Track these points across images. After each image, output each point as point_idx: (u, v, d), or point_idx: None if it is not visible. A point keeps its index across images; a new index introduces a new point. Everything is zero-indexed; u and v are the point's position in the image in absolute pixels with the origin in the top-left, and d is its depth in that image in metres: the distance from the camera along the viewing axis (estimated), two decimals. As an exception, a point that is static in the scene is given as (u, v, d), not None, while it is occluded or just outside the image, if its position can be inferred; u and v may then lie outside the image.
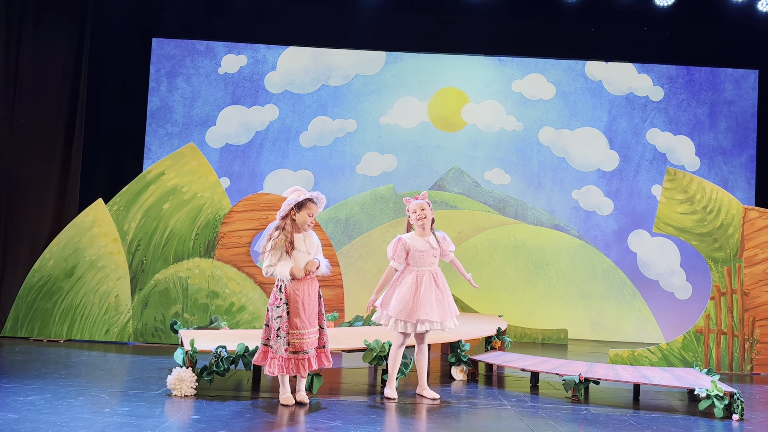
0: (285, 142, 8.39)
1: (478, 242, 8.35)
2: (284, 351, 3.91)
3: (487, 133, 8.47)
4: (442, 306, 4.25)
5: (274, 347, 3.94)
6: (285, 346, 3.91)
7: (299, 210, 4.01)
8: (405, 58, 8.51)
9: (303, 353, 3.94)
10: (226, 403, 4.04)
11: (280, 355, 3.91)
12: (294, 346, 3.93)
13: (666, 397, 4.82)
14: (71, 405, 3.77)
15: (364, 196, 8.40)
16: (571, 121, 8.48)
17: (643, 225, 8.31)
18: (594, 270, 8.32)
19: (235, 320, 6.32)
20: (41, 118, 6.81)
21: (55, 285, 6.24)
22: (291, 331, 3.93)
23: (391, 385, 4.33)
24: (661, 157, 8.42)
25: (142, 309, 6.33)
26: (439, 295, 4.25)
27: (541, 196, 8.42)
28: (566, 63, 8.50)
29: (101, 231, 6.32)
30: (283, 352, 3.91)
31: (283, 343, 3.91)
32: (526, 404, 4.37)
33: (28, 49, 6.77)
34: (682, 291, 8.26)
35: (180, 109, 8.33)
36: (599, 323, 8.26)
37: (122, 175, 7.44)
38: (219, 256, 6.42)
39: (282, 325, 3.93)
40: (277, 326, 3.94)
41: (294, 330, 3.93)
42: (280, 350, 3.92)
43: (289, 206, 3.99)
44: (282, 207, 4.02)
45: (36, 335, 6.21)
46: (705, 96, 8.45)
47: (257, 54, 8.43)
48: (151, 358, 5.55)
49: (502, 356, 5.37)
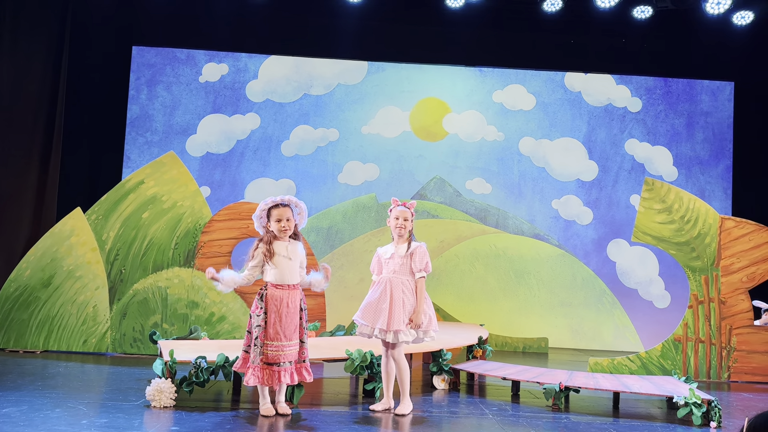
0: (266, 151, 8.37)
1: (459, 251, 8.38)
2: (259, 361, 3.89)
3: (468, 142, 8.53)
4: (379, 313, 4.09)
5: (252, 356, 3.92)
6: (260, 356, 3.89)
7: (269, 220, 4.03)
8: (387, 68, 8.55)
9: (276, 365, 3.90)
10: (206, 414, 4.00)
11: (255, 365, 3.89)
12: (267, 357, 3.89)
13: (645, 405, 4.86)
14: (48, 417, 3.71)
15: (346, 206, 8.40)
16: (551, 131, 8.56)
17: (622, 234, 8.40)
18: (574, 279, 8.39)
19: (215, 330, 6.27)
20: (19, 127, 6.72)
21: (32, 295, 6.14)
22: (266, 342, 3.90)
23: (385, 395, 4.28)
24: (639, 167, 8.53)
25: (121, 319, 6.25)
26: (383, 303, 4.10)
27: (522, 206, 8.48)
28: (546, 74, 8.59)
29: (79, 240, 6.24)
30: (257, 361, 3.89)
31: (258, 352, 3.89)
32: (507, 413, 4.38)
33: (6, 57, 6.70)
34: (661, 300, 8.35)
35: (160, 117, 8.27)
36: (579, 332, 8.32)
37: (101, 184, 7.36)
38: (199, 265, 6.36)
39: (260, 335, 3.91)
40: (255, 335, 3.92)
41: (269, 341, 3.90)
42: (255, 360, 3.89)
43: (258, 219, 4.06)
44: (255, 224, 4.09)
45: (12, 346, 6.10)
46: (682, 107, 8.59)
47: (239, 63, 8.42)
48: (129, 369, 5.48)
49: (484, 365, 5.38)
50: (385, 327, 4.08)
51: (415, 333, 4.11)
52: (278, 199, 4.04)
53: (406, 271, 4.17)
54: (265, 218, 4.07)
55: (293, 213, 4.07)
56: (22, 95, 6.79)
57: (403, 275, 4.16)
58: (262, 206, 4.06)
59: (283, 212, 4.01)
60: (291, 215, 4.05)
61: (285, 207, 4.04)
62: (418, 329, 4.12)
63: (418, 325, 4.09)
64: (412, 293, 4.14)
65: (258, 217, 4.07)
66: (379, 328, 4.10)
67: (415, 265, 4.15)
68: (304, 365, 4.05)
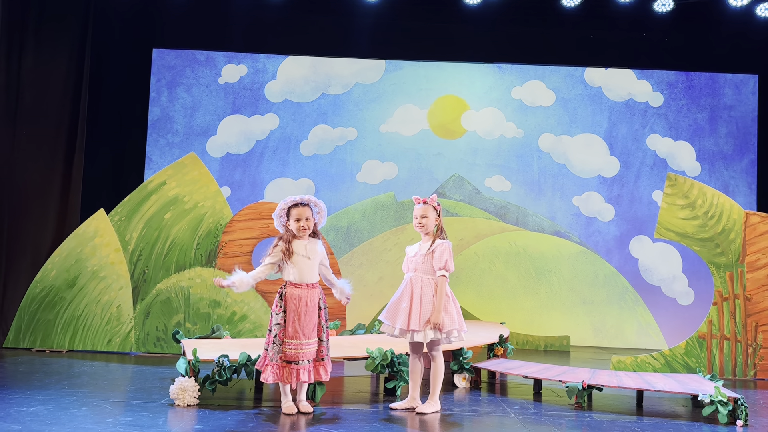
0: (285, 151, 8.41)
1: (479, 249, 8.35)
2: (277, 359, 3.92)
3: (487, 140, 8.49)
4: (400, 312, 4.08)
5: (270, 354, 3.95)
6: (279, 354, 3.92)
7: (288, 219, 4.06)
8: (404, 66, 8.54)
9: (294, 363, 3.93)
10: (228, 412, 4.03)
11: (274, 362, 3.92)
12: (286, 355, 3.92)
13: (669, 404, 4.81)
14: (74, 415, 3.77)
15: (365, 204, 8.41)
16: (571, 127, 8.49)
17: (645, 231, 8.30)
18: (596, 276, 8.31)
19: (236, 329, 6.32)
20: (43, 130, 6.83)
21: (57, 295, 6.25)
22: (285, 340, 3.94)
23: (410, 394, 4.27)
24: (661, 162, 8.43)
25: (144, 319, 6.32)
26: (404, 302, 4.08)
27: (542, 203, 8.43)
28: (565, 70, 8.52)
29: (103, 241, 6.33)
30: (276, 359, 3.92)
31: (277, 350, 3.92)
32: (529, 412, 4.36)
33: (30, 61, 6.80)
34: (685, 297, 8.24)
35: (181, 119, 8.36)
36: (601, 330, 8.24)
37: (124, 186, 7.45)
38: (220, 265, 6.42)
39: (279, 333, 3.94)
40: (274, 333, 3.95)
41: (288, 339, 3.93)
42: (274, 357, 3.93)
43: (278, 218, 4.09)
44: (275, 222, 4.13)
45: (38, 346, 6.21)
46: (705, 101, 8.47)
47: (257, 63, 8.47)
48: (153, 368, 5.54)
49: (505, 363, 5.36)
50: (405, 327, 4.07)
51: (432, 334, 4.05)
52: (297, 199, 4.07)
53: (427, 269, 4.13)
54: (284, 217, 4.10)
55: (312, 212, 4.09)
56: (46, 98, 6.89)
57: (424, 273, 4.12)
58: (281, 205, 4.09)
59: (302, 211, 4.04)
60: (310, 214, 4.07)
61: (304, 206, 4.06)
62: (438, 330, 4.06)
63: (436, 325, 4.04)
64: (432, 292, 4.10)
65: (278, 216, 4.11)
66: (399, 328, 4.10)
67: (435, 263, 4.10)
68: (323, 363, 4.06)
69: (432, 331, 4.05)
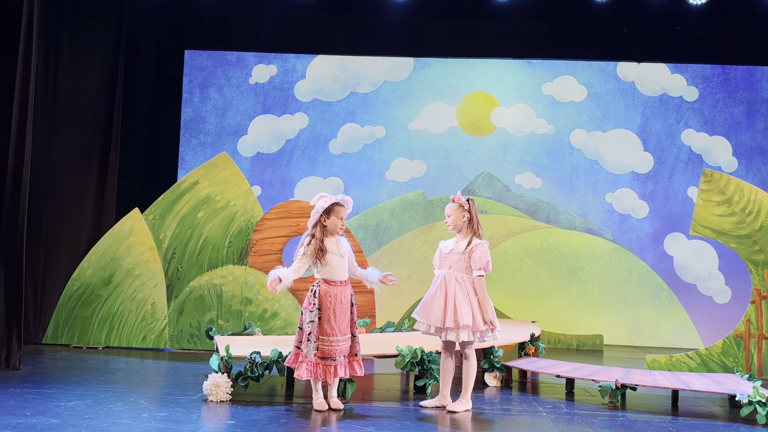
0: (315, 150, 8.46)
1: (509, 247, 8.29)
2: (313, 356, 3.94)
3: (517, 136, 8.42)
4: (434, 310, 4.07)
5: (304, 351, 3.98)
6: (314, 351, 3.95)
7: (329, 216, 4.06)
8: (433, 64, 8.51)
9: (331, 360, 3.96)
10: (261, 408, 4.08)
11: (309, 359, 3.94)
12: (322, 352, 3.95)
13: (706, 404, 4.71)
14: (111, 410, 3.85)
15: (394, 202, 8.41)
16: (603, 123, 8.37)
17: (680, 228, 8.14)
18: (629, 274, 8.18)
19: (268, 326, 6.38)
20: (79, 131, 6.98)
21: (94, 293, 6.38)
22: (321, 337, 3.96)
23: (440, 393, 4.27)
24: (696, 158, 8.25)
25: (178, 316, 6.43)
26: (439, 300, 4.08)
27: (574, 200, 8.32)
28: (597, 64, 8.40)
29: (138, 240, 6.45)
30: (311, 356, 3.94)
31: (312, 348, 3.95)
32: (561, 411, 4.31)
33: (66, 63, 6.95)
34: (721, 295, 8.06)
35: (212, 119, 8.47)
36: (635, 328, 8.11)
37: (157, 185, 7.59)
38: (252, 263, 6.49)
39: (313, 330, 3.96)
40: (309, 330, 3.97)
41: (324, 336, 3.96)
42: (309, 355, 3.95)
43: (318, 214, 4.05)
44: (312, 216, 4.08)
45: (76, 342, 6.36)
46: (741, 95, 8.26)
47: (287, 63, 8.53)
48: (186, 364, 5.63)
49: (536, 362, 5.31)
50: (441, 325, 4.07)
51: (466, 334, 4.02)
52: (340, 198, 4.10)
53: (462, 267, 4.11)
54: (323, 213, 4.08)
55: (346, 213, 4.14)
56: (82, 100, 7.04)
57: (459, 272, 4.11)
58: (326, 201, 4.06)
59: (344, 211, 4.10)
60: (346, 216, 4.13)
61: (342, 207, 4.10)
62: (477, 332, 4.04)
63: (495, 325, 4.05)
64: (467, 291, 4.07)
65: (319, 212, 4.05)
66: (435, 326, 4.10)
67: (474, 264, 4.09)
68: (356, 359, 4.09)
69: (466, 331, 4.03)
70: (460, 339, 4.03)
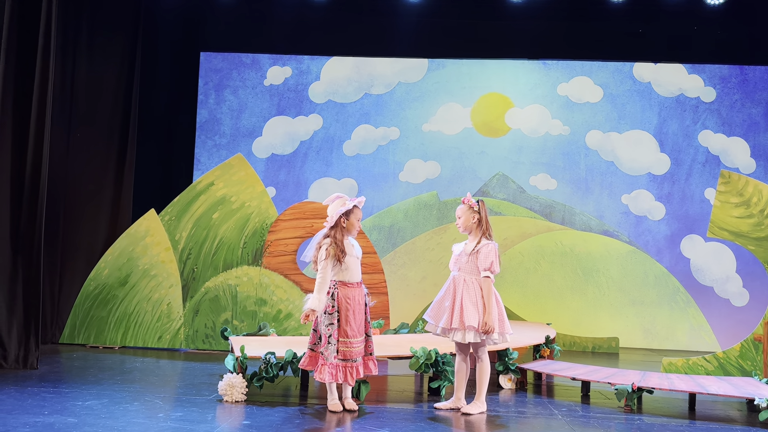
0: (329, 151, 8.47)
1: (523, 249, 8.25)
2: (334, 358, 3.95)
3: (532, 137, 8.38)
4: (443, 311, 4.08)
5: (325, 354, 3.98)
6: (335, 354, 3.95)
7: (348, 217, 4.07)
8: (447, 65, 8.50)
9: (351, 361, 3.98)
10: (275, 408, 4.09)
11: (330, 362, 3.95)
12: (343, 354, 3.97)
13: (723, 407, 4.66)
14: (127, 410, 3.88)
15: (408, 204, 8.40)
16: (619, 124, 8.31)
17: (697, 230, 8.06)
18: (646, 276, 8.11)
19: (282, 327, 6.40)
20: (96, 132, 7.05)
21: (110, 293, 6.44)
22: (341, 339, 3.97)
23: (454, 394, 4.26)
24: (714, 159, 8.16)
25: (193, 316, 6.47)
26: (447, 301, 4.08)
27: (590, 201, 8.27)
28: (613, 65, 8.34)
29: (154, 240, 6.50)
30: (332, 359, 3.95)
31: (333, 350, 3.95)
32: (577, 414, 4.28)
33: (84, 65, 7.02)
34: (739, 297, 7.97)
35: (228, 120, 8.51)
36: (651, 331, 8.04)
37: (173, 186, 7.64)
38: (266, 264, 6.52)
39: (333, 333, 3.97)
40: (329, 333, 3.98)
41: (344, 338, 3.98)
42: (330, 357, 3.96)
43: (339, 215, 4.06)
44: (331, 216, 4.07)
45: (92, 342, 6.41)
46: (760, 96, 8.16)
47: (301, 65, 8.56)
48: (202, 364, 5.66)
49: (552, 365, 5.28)
50: (448, 326, 4.06)
51: (472, 335, 4.01)
52: (357, 201, 4.13)
53: (471, 269, 4.11)
54: (343, 215, 4.07)
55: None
56: (98, 101, 7.10)
57: (467, 273, 4.11)
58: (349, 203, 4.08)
59: (360, 213, 4.15)
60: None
61: (359, 208, 4.14)
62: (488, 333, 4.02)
63: (492, 328, 4.01)
64: (474, 292, 4.05)
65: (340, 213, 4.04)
66: (441, 327, 4.09)
67: (480, 265, 4.08)
68: (371, 358, 4.13)
69: (472, 332, 4.01)
70: (466, 340, 4.03)
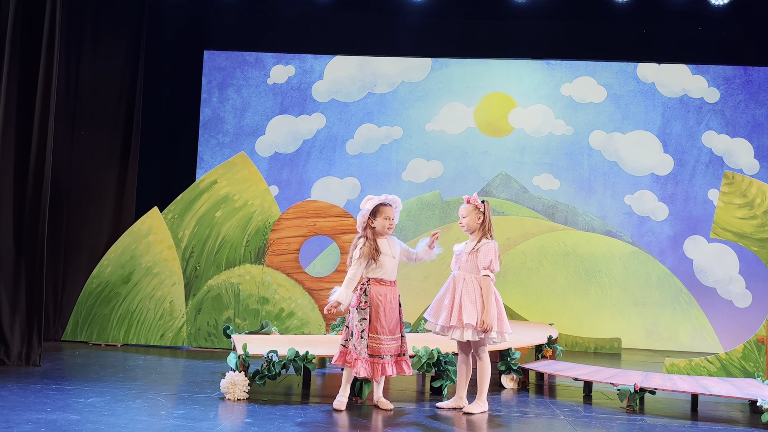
0: (332, 150, 8.48)
1: (526, 249, 8.24)
2: (365, 353, 3.97)
3: (535, 137, 8.37)
4: (442, 310, 4.10)
5: (357, 348, 4.02)
6: (365, 349, 3.98)
7: (375, 217, 4.10)
8: (451, 64, 8.49)
9: (378, 358, 4.00)
10: (277, 407, 4.09)
11: (363, 357, 3.98)
12: (371, 350, 4.00)
13: (726, 409, 4.65)
14: (129, 407, 3.89)
15: (410, 203, 8.40)
16: (622, 124, 8.30)
17: (700, 230, 8.05)
18: (648, 277, 8.10)
19: (284, 326, 6.40)
20: (99, 130, 7.06)
21: (113, 291, 6.45)
22: (371, 335, 4.01)
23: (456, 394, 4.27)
24: (717, 160, 8.15)
25: (196, 314, 6.47)
26: (446, 299, 4.10)
27: (593, 202, 8.26)
28: (617, 65, 8.33)
29: (157, 238, 6.51)
30: (364, 354, 3.98)
31: (364, 345, 4.00)
32: (579, 414, 4.28)
33: (87, 63, 7.04)
34: (742, 299, 7.95)
35: (231, 119, 8.52)
36: (654, 332, 8.03)
37: (176, 184, 7.64)
38: (269, 262, 6.52)
39: (365, 328, 4.01)
40: (361, 328, 4.03)
41: (373, 334, 4.01)
42: (362, 352, 4.00)
43: (365, 217, 4.10)
44: (358, 220, 4.15)
45: (95, 339, 6.43)
46: (764, 96, 8.14)
47: (305, 64, 8.56)
48: (204, 362, 5.67)
49: (554, 365, 5.27)
50: (446, 324, 4.08)
51: (470, 333, 4.01)
52: (383, 199, 4.13)
53: (470, 268, 4.12)
54: (369, 215, 4.11)
55: (395, 212, 4.17)
56: (102, 100, 7.12)
57: (467, 272, 4.12)
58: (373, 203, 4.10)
59: (390, 211, 4.13)
60: (394, 214, 4.15)
61: (388, 206, 4.13)
62: (486, 332, 4.02)
63: (490, 326, 4.01)
64: (473, 291, 4.06)
65: (364, 214, 4.11)
66: (440, 325, 4.11)
67: (480, 263, 4.09)
68: (404, 358, 4.15)
69: (470, 330, 4.02)
70: (465, 338, 4.03)
